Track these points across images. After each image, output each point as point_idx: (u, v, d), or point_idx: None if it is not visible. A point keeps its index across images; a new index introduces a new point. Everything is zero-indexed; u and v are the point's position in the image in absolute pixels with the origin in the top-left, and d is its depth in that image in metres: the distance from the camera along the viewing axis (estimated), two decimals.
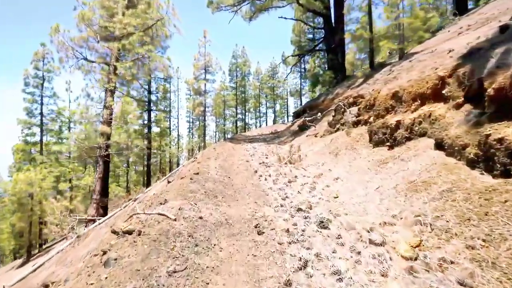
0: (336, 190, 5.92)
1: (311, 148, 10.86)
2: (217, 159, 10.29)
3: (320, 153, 9.60)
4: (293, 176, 7.55)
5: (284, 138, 17.73)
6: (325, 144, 10.25)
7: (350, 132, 9.46)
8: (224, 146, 14.59)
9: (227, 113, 38.26)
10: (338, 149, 8.82)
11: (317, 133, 12.87)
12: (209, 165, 8.76)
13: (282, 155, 11.43)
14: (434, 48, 9.28)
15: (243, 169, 8.82)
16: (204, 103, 28.34)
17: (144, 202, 5.63)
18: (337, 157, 8.37)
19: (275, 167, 8.84)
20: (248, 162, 10.19)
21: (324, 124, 13.29)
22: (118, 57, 10.85)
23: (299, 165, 8.99)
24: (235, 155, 11.89)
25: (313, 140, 12.05)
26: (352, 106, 11.31)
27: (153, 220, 3.86)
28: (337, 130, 11.24)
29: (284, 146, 14.67)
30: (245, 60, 36.16)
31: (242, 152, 12.90)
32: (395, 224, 3.92)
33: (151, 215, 4.11)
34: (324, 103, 16.31)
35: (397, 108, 7.28)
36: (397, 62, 10.77)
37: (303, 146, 11.38)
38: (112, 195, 23.86)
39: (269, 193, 6.05)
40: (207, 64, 28.56)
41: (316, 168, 8.28)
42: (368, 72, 12.14)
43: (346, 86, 14.98)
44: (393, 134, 6.77)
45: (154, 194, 5.60)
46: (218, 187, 6.15)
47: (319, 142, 11.21)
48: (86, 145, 9.02)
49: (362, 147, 7.93)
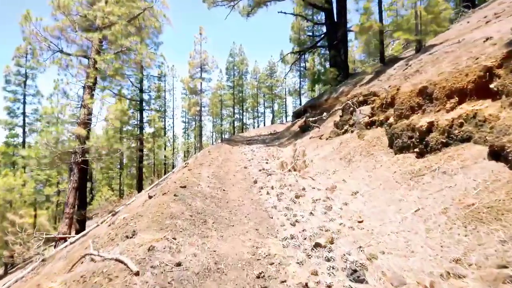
0: (358, 211, 4.61)
1: (317, 152, 9.56)
2: (211, 165, 8.97)
3: (328, 159, 8.31)
4: (300, 188, 6.25)
5: (285, 139, 16.43)
6: (334, 148, 8.96)
7: (363, 134, 8.17)
8: (220, 149, 13.27)
9: (224, 113, 36.91)
10: (350, 155, 7.53)
11: (321, 134, 11.59)
12: (200, 174, 7.43)
13: (284, 160, 10.12)
14: (459, 38, 8.02)
15: (241, 178, 7.50)
16: (200, 103, 26.98)
17: (112, 228, 4.29)
18: (351, 164, 7.07)
19: (278, 176, 7.53)
20: (246, 168, 8.88)
21: (330, 125, 12.00)
22: (99, 50, 9.49)
23: (305, 173, 7.69)
24: (232, 160, 10.58)
25: (318, 143, 10.75)
26: (362, 105, 10.03)
27: (104, 273, 2.54)
28: (346, 132, 9.96)
29: (285, 148, 13.38)
30: (243, 59, 34.80)
31: (239, 156, 11.59)
32: (465, 276, 2.63)
33: (106, 261, 2.79)
34: (327, 102, 15.03)
35: (426, 106, 5.99)
36: (413, 56, 9.49)
37: (308, 150, 10.08)
38: (103, 200, 22.47)
39: (273, 214, 4.74)
40: (203, 62, 27.19)
41: (326, 177, 6.97)
42: (379, 68, 10.87)
43: (353, 84, 13.71)
44: (424, 138, 5.48)
45: (124, 219, 4.26)
46: (209, 207, 4.82)
47: (325, 145, 9.92)
48: (59, 150, 7.70)
49: (380, 153, 6.64)
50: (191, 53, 27.29)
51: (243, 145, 16.18)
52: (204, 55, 27.24)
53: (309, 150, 10.14)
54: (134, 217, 4.04)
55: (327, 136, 10.88)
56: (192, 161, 10.54)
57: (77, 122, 8.47)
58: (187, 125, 34.19)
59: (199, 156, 11.80)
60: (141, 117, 19.26)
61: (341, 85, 15.72)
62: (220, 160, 10.14)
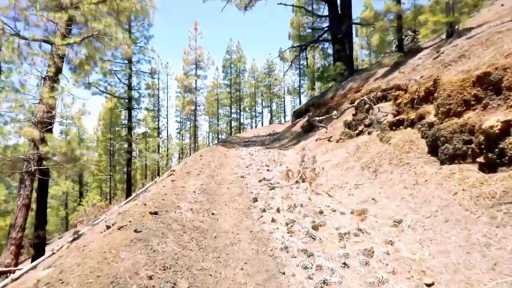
0: (418, 260, 2.92)
1: (328, 157, 7.87)
2: (201, 174, 7.24)
3: (345, 167, 6.62)
4: (316, 211, 4.55)
5: (286, 141, 14.74)
6: (349, 153, 7.27)
7: (388, 137, 6.48)
8: (213, 152, 11.55)
9: (221, 112, 35.08)
10: (375, 163, 5.84)
11: (330, 136, 9.92)
12: (185, 188, 5.70)
13: (289, 166, 8.44)
14: (503, 20, 6.38)
15: (237, 193, 5.78)
16: (195, 101, 25.24)
17: None
18: (378, 176, 5.38)
19: (284, 190, 5.83)
20: (243, 178, 7.17)
21: (339, 125, 10.34)
22: (65, 34, 7.75)
23: (317, 186, 6.00)
24: (227, 166, 8.87)
25: (327, 146, 9.07)
26: (380, 101, 8.36)
27: None
28: (361, 133, 8.29)
29: (287, 151, 11.69)
30: (240, 56, 32.99)
31: (235, 161, 9.88)
32: None
33: None
34: (333, 100, 13.36)
35: (489, 100, 4.32)
36: (444, 42, 7.83)
37: (317, 155, 8.39)
38: (90, 205, 20.67)
39: (284, 264, 3.03)
40: (198, 58, 25.45)
41: (347, 193, 5.28)
42: (398, 59, 9.21)
43: (363, 79, 12.05)
44: (496, 144, 3.81)
45: (47, 286, 2.54)
46: (187, 251, 3.11)
47: (337, 149, 8.23)
48: (8, 157, 5.97)
49: (419, 162, 4.96)
50: (185, 49, 25.59)
51: (240, 147, 14.46)
52: (199, 51, 25.52)
53: (318, 154, 8.45)
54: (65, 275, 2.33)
55: (337, 138, 9.21)
56: (179, 167, 8.81)
57: (33, 122, 6.73)
58: (181, 125, 32.26)
59: (189, 161, 10.07)
60: (130, 117, 17.47)
61: (348, 81, 14.06)
62: (212, 167, 8.42)
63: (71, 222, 19.17)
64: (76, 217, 19.06)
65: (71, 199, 24.84)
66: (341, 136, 9.12)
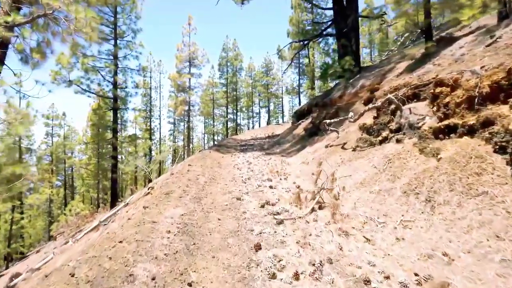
0: None
1: (346, 171, 6.11)
2: (184, 197, 5.44)
3: (375, 188, 4.85)
4: (357, 276, 2.80)
5: (288, 145, 12.98)
6: (377, 168, 5.51)
7: (434, 149, 4.74)
8: (205, 160, 9.75)
9: (217, 113, 33.16)
10: (425, 187, 4.09)
11: (344, 143, 8.17)
12: (156, 225, 3.90)
13: (297, 181, 6.70)
14: None
15: (230, 233, 3.99)
16: (189, 101, 23.36)
17: None
18: (436, 209, 3.63)
19: (298, 227, 4.05)
20: (240, 201, 5.39)
21: (353, 129, 8.60)
22: (10, 13, 5.91)
23: (343, 218, 4.23)
24: (220, 181, 7.08)
25: (342, 156, 7.31)
26: (411, 100, 6.62)
27: None
28: (385, 141, 6.54)
29: (291, 159, 9.94)
30: (237, 54, 31.09)
31: (230, 173, 8.09)
32: None
33: None
34: (342, 100, 11.62)
35: None
36: (495, 26, 6.12)
37: (330, 167, 6.64)
38: (73, 214, 18.74)
39: None
40: (192, 55, 23.59)
41: (393, 237, 3.52)
42: (427, 49, 7.48)
43: (378, 75, 10.33)
44: None
45: None
46: None
47: (357, 160, 6.47)
48: None
49: (506, 192, 3.23)
50: (178, 45, 23.70)
51: (237, 152, 12.67)
52: (193, 47, 23.66)
53: (331, 166, 6.69)
54: None
55: (354, 145, 7.46)
56: (161, 182, 7.00)
57: None
58: (174, 126, 30.18)
59: (175, 171, 8.26)
60: (115, 118, 15.55)
61: (357, 78, 12.34)
62: (201, 182, 6.62)
63: (52, 232, 17.23)
64: (57, 228, 17.13)
65: (55, 206, 22.85)
66: (359, 143, 7.38)
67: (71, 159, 25.31)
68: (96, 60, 15.99)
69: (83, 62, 14.80)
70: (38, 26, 6.12)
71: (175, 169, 9.25)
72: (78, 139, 29.39)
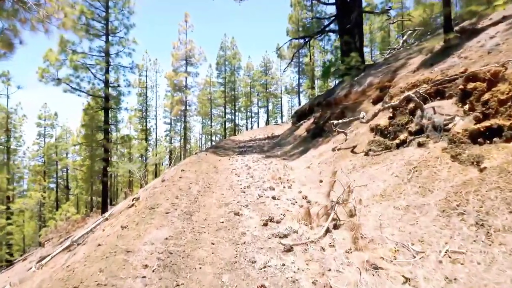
0: None
1: (361, 179, 5.24)
2: (171, 212, 4.55)
3: (402, 203, 3.98)
4: None
5: (289, 148, 12.11)
6: (399, 177, 4.65)
7: (473, 156, 3.88)
8: (200, 165, 8.86)
9: (215, 113, 32.20)
10: (471, 205, 3.22)
11: (353, 146, 7.31)
12: (130, 256, 3.02)
13: (303, 189, 5.85)
14: None
15: (226, 265, 3.09)
16: (185, 101, 22.47)
17: None
18: (494, 238, 2.78)
19: (311, 257, 3.18)
20: (238, 217, 4.51)
21: (364, 130, 7.75)
22: None
23: (367, 245, 3.37)
24: (215, 189, 6.20)
25: (353, 161, 6.44)
26: (433, 98, 5.77)
27: None
28: (403, 144, 5.69)
29: (293, 163, 9.08)
30: (235, 53, 30.16)
31: (228, 179, 7.21)
32: None
33: None
34: (348, 98, 10.76)
35: None
36: None
37: (341, 174, 5.78)
38: (64, 218, 17.79)
39: None
40: (188, 54, 22.68)
41: (441, 275, 2.65)
42: (447, 42, 6.64)
43: (387, 72, 9.48)
44: None
45: None
46: None
47: (372, 167, 5.61)
48: None
49: None
50: (174, 43, 22.81)
51: (235, 155, 11.80)
52: (190, 45, 22.75)
53: (342, 173, 5.83)
54: None
55: (366, 148, 6.60)
56: (148, 192, 6.10)
57: None
58: (171, 127, 29.03)
59: (167, 177, 7.36)
60: (106, 118, 14.61)
61: (363, 76, 11.49)
62: (193, 193, 5.74)
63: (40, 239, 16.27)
64: (45, 234, 16.17)
65: (46, 209, 21.86)
66: (371, 147, 6.52)
67: (65, 161, 24.31)
68: (87, 57, 15.06)
69: (72, 59, 13.86)
70: (3, 11, 5.20)
71: (167, 175, 8.35)
72: (72, 140, 28.38)
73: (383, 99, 8.53)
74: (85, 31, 15.07)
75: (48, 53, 14.44)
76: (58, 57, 14.47)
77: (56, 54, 14.52)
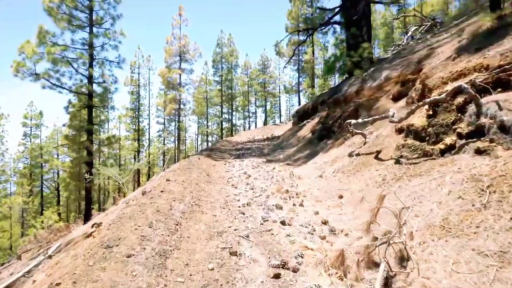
0: None
1: (402, 199, 3.80)
2: (139, 250, 3.08)
3: (486, 247, 2.57)
4: None
5: (293, 151, 10.66)
6: (465, 200, 3.19)
7: None
8: (191, 172, 7.37)
9: (211, 112, 30.66)
10: None
11: (377, 151, 5.86)
12: None
13: (320, 210, 4.41)
14: None
15: None
16: (179, 99, 20.91)
17: None
18: None
19: None
20: (235, 258, 3.04)
21: (387, 132, 6.31)
22: None
23: None
24: (206, 208, 4.72)
25: (382, 171, 4.99)
26: (493, 90, 4.36)
27: None
28: (450, 150, 4.25)
29: (300, 170, 7.63)
30: (232, 50, 28.60)
31: (223, 193, 5.74)
32: None
33: None
34: (361, 95, 9.33)
35: None
36: None
37: (363, 188, 4.33)
38: (45, 226, 16.15)
39: None
40: (182, 49, 21.15)
41: None
42: (503, 18, 5.22)
43: (408, 64, 8.07)
44: None
45: None
46: None
47: (413, 181, 4.15)
48: None
49: None
50: (167, 38, 21.22)
51: (232, 159, 10.34)
52: (184, 40, 21.20)
53: (368, 186, 4.39)
54: None
55: (395, 154, 5.17)
56: (116, 214, 4.63)
57: None
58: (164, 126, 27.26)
59: (148, 190, 5.88)
60: (90, 117, 13.07)
61: (375, 70, 10.09)
62: (176, 215, 4.25)
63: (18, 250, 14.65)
64: (23, 246, 14.54)
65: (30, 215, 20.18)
66: (403, 153, 5.10)
67: (52, 162, 22.63)
68: (69, 50, 13.49)
69: (50, 51, 12.28)
70: None
71: (150, 184, 6.86)
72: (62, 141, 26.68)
73: (407, 94, 7.13)
74: (67, 22, 13.52)
75: (24, 45, 12.84)
76: (36, 50, 12.87)
77: (34, 46, 12.93)
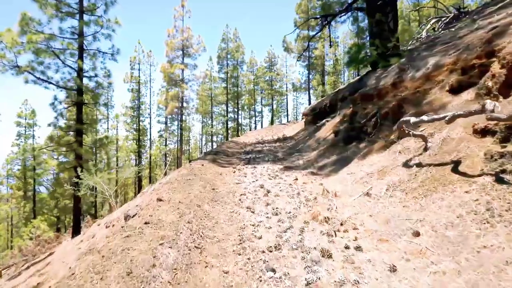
0: None
1: None
2: None
3: None
4: None
5: (314, 155, 8.87)
6: None
7: None
8: (191, 186, 5.65)
9: (216, 111, 28.95)
10: None
11: (454, 161, 4.06)
12: None
13: (411, 276, 2.56)
14: None
15: None
16: (181, 97, 19.20)
17: None
18: None
19: None
20: None
21: (458, 134, 4.50)
22: None
23: None
24: (211, 256, 2.97)
25: (476, 195, 3.22)
26: None
27: None
28: None
29: (332, 182, 5.84)
30: (238, 45, 26.83)
31: (235, 222, 3.99)
32: None
33: None
34: (401, 87, 7.51)
35: None
36: None
37: (446, 227, 2.56)
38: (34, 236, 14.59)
39: None
40: (185, 43, 19.46)
41: None
42: None
43: (465, 48, 6.24)
44: None
45: None
46: None
47: None
48: None
49: None
50: (169, 30, 19.55)
51: (241, 165, 8.60)
52: (187, 33, 19.49)
53: (455, 221, 2.62)
54: None
55: (492, 167, 3.39)
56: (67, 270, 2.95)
57: None
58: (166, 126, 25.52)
59: (132, 215, 4.19)
60: (79, 116, 11.47)
61: (414, 58, 8.29)
62: (162, 276, 2.52)
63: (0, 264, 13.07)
64: (7, 258, 12.99)
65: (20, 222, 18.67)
66: (503, 165, 3.34)
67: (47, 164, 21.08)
68: (56, 39, 11.86)
69: (31, 39, 10.65)
70: None
71: (139, 201, 5.15)
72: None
73: (473, 84, 5.36)
74: (55, 8, 11.89)
75: (4, 33, 11.21)
76: (18, 40, 11.24)
77: (15, 35, 11.31)
